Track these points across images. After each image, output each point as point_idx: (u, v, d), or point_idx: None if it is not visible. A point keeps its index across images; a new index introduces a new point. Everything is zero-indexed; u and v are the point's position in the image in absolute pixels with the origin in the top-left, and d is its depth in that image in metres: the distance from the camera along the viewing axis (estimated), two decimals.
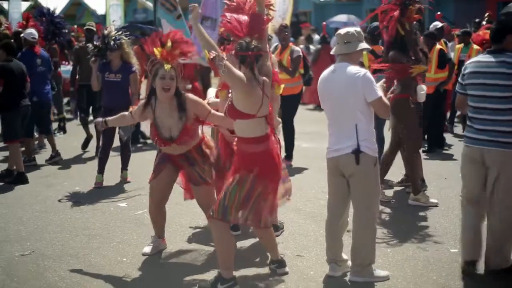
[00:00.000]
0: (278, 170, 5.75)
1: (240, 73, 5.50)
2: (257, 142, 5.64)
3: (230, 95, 5.82)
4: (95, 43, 9.94)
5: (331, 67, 5.88)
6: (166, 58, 6.23)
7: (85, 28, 12.71)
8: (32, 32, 11.33)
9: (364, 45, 5.84)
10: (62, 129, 14.46)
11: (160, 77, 6.20)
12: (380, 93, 5.64)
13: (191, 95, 6.46)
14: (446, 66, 11.35)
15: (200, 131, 6.53)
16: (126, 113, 6.75)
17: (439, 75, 11.42)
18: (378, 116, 5.84)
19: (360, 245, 5.76)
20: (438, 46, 11.39)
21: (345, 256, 5.97)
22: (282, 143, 10.84)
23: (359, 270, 5.77)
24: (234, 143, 5.99)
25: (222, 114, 6.14)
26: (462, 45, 13.15)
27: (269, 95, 5.77)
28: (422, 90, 8.11)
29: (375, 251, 5.85)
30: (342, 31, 5.90)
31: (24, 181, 9.86)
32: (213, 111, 6.35)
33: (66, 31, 14.49)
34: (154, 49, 6.24)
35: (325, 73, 5.90)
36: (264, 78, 5.71)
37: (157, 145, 6.56)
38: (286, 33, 10.91)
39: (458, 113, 14.07)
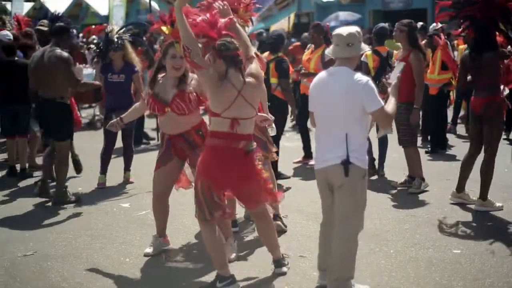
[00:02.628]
0: (202, 164, 5.65)
1: (209, 73, 5.50)
2: (209, 136, 5.73)
3: None
4: (96, 43, 9.90)
5: (331, 69, 5.53)
6: (176, 37, 6.28)
7: (36, 28, 11.01)
8: (7, 33, 11.33)
9: (365, 47, 5.62)
10: None
11: (171, 56, 6.33)
12: (382, 103, 5.32)
13: (196, 76, 6.51)
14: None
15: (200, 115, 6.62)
16: (137, 103, 6.88)
17: (443, 76, 11.42)
18: (380, 127, 5.61)
19: (339, 259, 5.39)
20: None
21: None
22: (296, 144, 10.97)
23: (336, 285, 5.43)
24: None
25: None
26: (465, 46, 13.12)
27: (253, 98, 5.67)
28: None
29: (354, 265, 5.51)
30: (343, 31, 5.43)
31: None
32: None
33: (74, 31, 14.35)
34: (163, 27, 6.37)
35: (322, 75, 5.55)
36: (249, 79, 5.60)
37: (152, 110, 6.54)
38: (315, 33, 10.70)
39: (461, 113, 14.07)
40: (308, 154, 10.86)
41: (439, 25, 12.26)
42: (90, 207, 8.60)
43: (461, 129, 13.62)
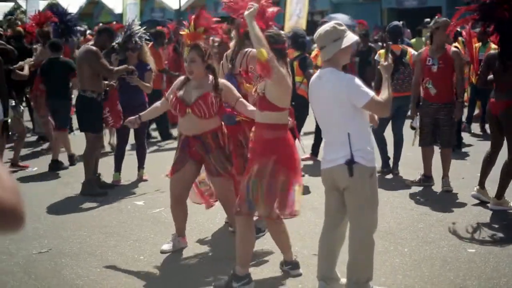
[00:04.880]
0: (296, 159, 5.68)
1: (283, 70, 5.49)
2: (276, 129, 5.59)
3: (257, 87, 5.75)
4: (117, 41, 9.91)
5: (318, 73, 5.39)
6: (191, 40, 6.49)
7: None
8: None
9: (345, 41, 5.16)
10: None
11: (184, 60, 6.52)
12: (372, 93, 5.16)
13: (222, 80, 6.54)
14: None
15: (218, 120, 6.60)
16: (158, 102, 6.94)
17: None
18: (378, 116, 5.53)
19: (356, 261, 5.30)
20: (455, 45, 11.35)
21: (338, 274, 5.59)
22: (310, 141, 10.98)
23: None
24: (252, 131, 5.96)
25: (250, 105, 6.31)
26: (479, 44, 13.05)
27: None
28: None
29: (372, 267, 5.43)
30: (315, 35, 5.32)
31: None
32: (241, 98, 6.43)
33: (81, 28, 14.41)
34: (185, 30, 6.60)
35: (313, 79, 5.41)
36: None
37: (173, 109, 6.55)
38: None
39: (476, 112, 14.01)
40: (315, 152, 10.94)
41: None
42: (104, 204, 8.63)
43: (475, 127, 13.56)
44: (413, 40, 11.19)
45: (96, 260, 6.58)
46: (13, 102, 10.92)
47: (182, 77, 6.67)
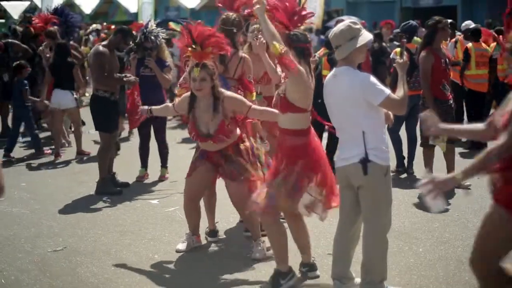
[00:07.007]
0: (321, 162, 5.64)
1: (301, 67, 5.44)
2: (299, 135, 5.57)
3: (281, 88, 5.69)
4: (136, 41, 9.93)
5: (333, 71, 5.39)
6: (198, 59, 6.32)
7: None
8: None
9: (360, 40, 5.18)
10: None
11: (192, 79, 6.31)
12: (388, 90, 5.12)
13: (229, 93, 6.43)
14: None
15: (238, 130, 6.51)
16: (170, 104, 7.00)
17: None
18: (395, 114, 5.51)
19: (370, 261, 5.30)
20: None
21: (352, 273, 5.57)
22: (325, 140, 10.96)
23: None
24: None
25: (263, 108, 6.37)
26: (495, 43, 13.00)
27: None
28: None
29: (386, 267, 5.41)
30: (330, 34, 5.36)
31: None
32: (253, 105, 6.38)
33: (97, 26, 14.46)
34: (188, 48, 6.37)
35: (328, 78, 5.43)
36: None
37: (194, 139, 6.60)
38: None
39: (492, 111, 13.92)
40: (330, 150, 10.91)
41: (472, 24, 12.22)
42: (118, 203, 8.65)
43: None
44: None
45: (111, 259, 6.60)
46: (74, 94, 11.41)
47: (186, 95, 6.53)
